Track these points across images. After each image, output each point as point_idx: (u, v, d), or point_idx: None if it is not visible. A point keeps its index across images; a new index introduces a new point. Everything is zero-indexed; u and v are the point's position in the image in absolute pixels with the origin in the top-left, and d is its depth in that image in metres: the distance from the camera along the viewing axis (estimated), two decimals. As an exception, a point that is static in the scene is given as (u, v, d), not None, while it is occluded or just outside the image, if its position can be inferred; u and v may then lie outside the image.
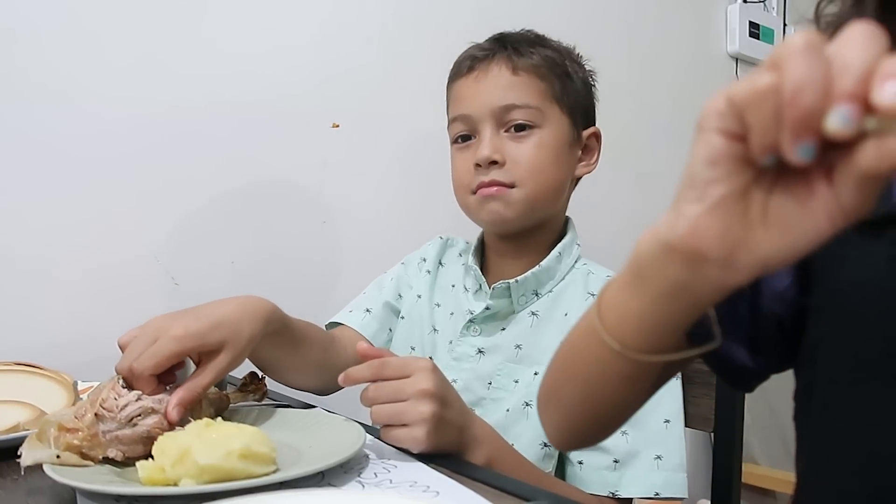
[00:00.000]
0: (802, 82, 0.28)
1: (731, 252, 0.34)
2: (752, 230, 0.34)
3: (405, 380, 0.61)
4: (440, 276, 0.95)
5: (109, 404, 0.55)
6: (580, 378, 0.51)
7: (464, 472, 0.56)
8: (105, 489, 0.48)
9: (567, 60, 0.86)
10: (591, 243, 0.97)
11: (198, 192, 1.16)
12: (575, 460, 0.77)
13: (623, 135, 1.73)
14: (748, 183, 0.33)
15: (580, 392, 0.52)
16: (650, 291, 0.40)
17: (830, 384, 0.47)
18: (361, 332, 0.91)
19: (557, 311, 0.83)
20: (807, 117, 0.28)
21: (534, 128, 0.82)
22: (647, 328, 0.42)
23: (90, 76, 1.06)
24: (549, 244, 0.87)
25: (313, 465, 0.51)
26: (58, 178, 1.03)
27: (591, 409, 0.53)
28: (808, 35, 0.29)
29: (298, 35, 1.26)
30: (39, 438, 0.52)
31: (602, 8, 1.70)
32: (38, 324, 1.01)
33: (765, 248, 0.34)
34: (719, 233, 0.34)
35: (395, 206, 1.36)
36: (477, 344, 0.84)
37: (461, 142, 0.87)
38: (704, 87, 1.93)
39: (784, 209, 0.33)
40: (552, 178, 0.83)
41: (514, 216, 0.83)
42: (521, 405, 0.79)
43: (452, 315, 0.89)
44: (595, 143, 0.89)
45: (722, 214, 0.34)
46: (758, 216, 0.34)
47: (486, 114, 0.82)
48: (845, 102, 0.28)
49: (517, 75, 0.82)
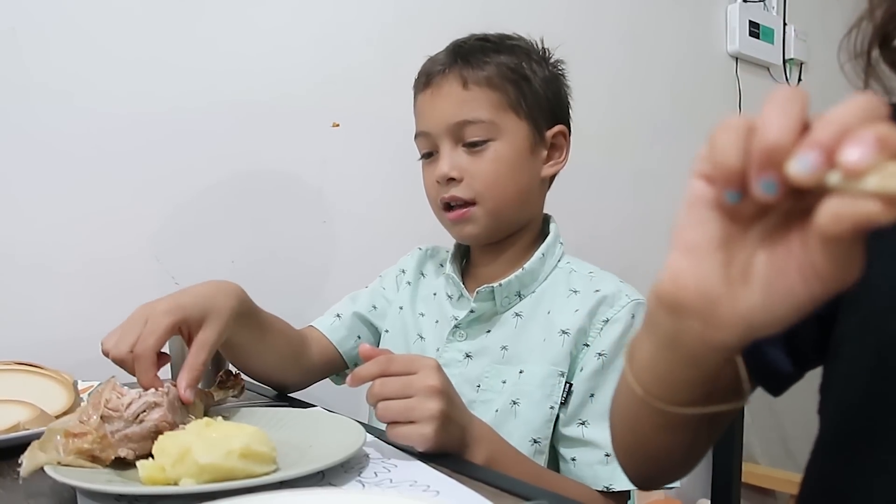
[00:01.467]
0: (774, 119, 0.29)
1: (711, 306, 0.34)
2: (733, 287, 0.34)
3: (412, 376, 0.61)
4: (421, 287, 0.96)
5: (114, 404, 0.55)
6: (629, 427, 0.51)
7: (464, 472, 0.56)
8: (105, 489, 0.48)
9: (525, 62, 0.85)
10: (589, 243, 0.97)
11: (198, 191, 1.16)
12: (568, 457, 0.78)
13: (623, 134, 1.73)
14: (726, 233, 0.34)
15: (632, 439, 0.52)
16: (655, 341, 0.40)
17: (848, 380, 0.46)
18: (328, 336, 0.92)
19: (540, 309, 0.83)
20: (770, 149, 0.29)
21: (488, 141, 0.82)
22: (660, 377, 0.42)
23: (91, 75, 1.06)
24: (529, 244, 0.88)
25: (313, 465, 0.51)
26: (58, 177, 1.03)
27: (648, 456, 0.52)
28: (798, 90, 0.31)
29: (299, 34, 1.26)
30: (43, 448, 0.52)
31: (601, 7, 1.70)
32: (38, 322, 1.01)
33: (745, 307, 0.33)
34: (694, 281, 0.34)
35: (395, 206, 1.36)
36: (464, 349, 0.85)
37: (426, 158, 0.88)
38: (704, 86, 1.93)
39: (763, 267, 0.33)
40: (512, 189, 0.83)
41: (483, 231, 0.84)
42: (508, 404, 0.79)
43: (437, 323, 0.90)
44: (562, 140, 0.88)
45: (698, 262, 0.34)
46: (739, 273, 0.34)
47: (442, 131, 0.83)
48: (811, 149, 0.28)
49: (468, 90, 0.82)
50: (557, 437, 0.79)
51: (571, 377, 0.79)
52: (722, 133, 0.32)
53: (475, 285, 0.87)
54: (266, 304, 0.81)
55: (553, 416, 0.78)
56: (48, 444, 0.52)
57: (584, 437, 0.76)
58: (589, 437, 0.76)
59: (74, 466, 0.52)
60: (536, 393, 0.78)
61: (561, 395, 0.78)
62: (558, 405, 0.78)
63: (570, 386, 0.78)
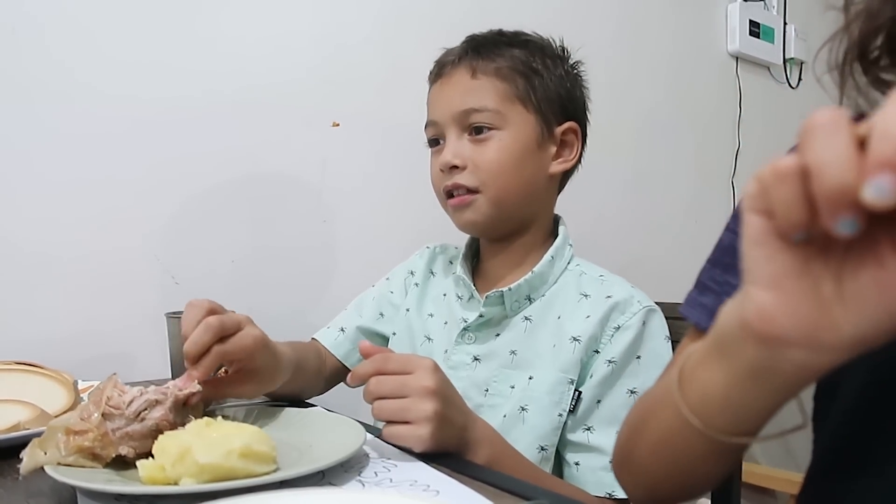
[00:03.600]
0: (828, 158, 0.28)
1: (812, 333, 0.32)
2: (830, 309, 0.32)
3: (408, 376, 0.61)
4: (430, 287, 0.95)
5: (115, 401, 0.55)
6: (666, 453, 0.48)
7: (464, 472, 0.56)
8: (105, 488, 0.48)
9: (538, 57, 0.85)
10: (590, 242, 0.97)
11: (198, 190, 1.16)
12: (571, 461, 0.77)
13: (623, 133, 1.73)
14: (804, 260, 0.32)
15: (665, 466, 0.49)
16: (733, 370, 0.38)
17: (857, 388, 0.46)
18: (332, 352, 0.93)
19: (550, 314, 0.83)
20: (837, 192, 0.28)
21: (493, 130, 0.82)
22: (734, 409, 0.39)
23: (92, 75, 1.06)
24: (539, 243, 0.88)
25: (313, 464, 0.51)
26: (58, 177, 1.03)
27: (679, 484, 0.50)
28: (830, 112, 0.29)
29: (299, 33, 1.26)
30: (43, 446, 0.52)
31: (602, 6, 1.70)
32: (38, 321, 1.01)
33: (849, 327, 0.32)
34: (788, 314, 0.32)
35: (396, 205, 1.36)
36: (472, 352, 0.84)
37: (433, 146, 0.89)
38: (704, 85, 1.93)
39: (857, 284, 0.31)
40: (515, 180, 0.83)
41: (484, 220, 0.84)
42: (517, 410, 0.79)
43: (446, 325, 0.89)
44: (573, 138, 0.87)
45: (784, 296, 0.32)
46: (832, 294, 0.32)
47: (448, 119, 0.84)
48: (883, 172, 0.27)
49: (476, 79, 0.83)
50: (563, 443, 0.78)
51: (581, 384, 0.78)
52: (776, 185, 0.30)
53: (485, 285, 0.87)
54: (266, 303, 0.81)
55: (561, 423, 0.77)
56: (49, 442, 0.52)
57: (590, 443, 0.76)
58: (594, 442, 0.76)
59: (75, 466, 0.52)
60: (545, 399, 0.77)
61: (570, 403, 0.77)
62: (567, 413, 0.77)
63: (580, 394, 0.78)
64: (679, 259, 1.72)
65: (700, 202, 1.89)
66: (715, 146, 1.95)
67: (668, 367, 0.56)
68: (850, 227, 0.28)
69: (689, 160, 1.87)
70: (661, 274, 1.34)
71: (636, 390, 0.77)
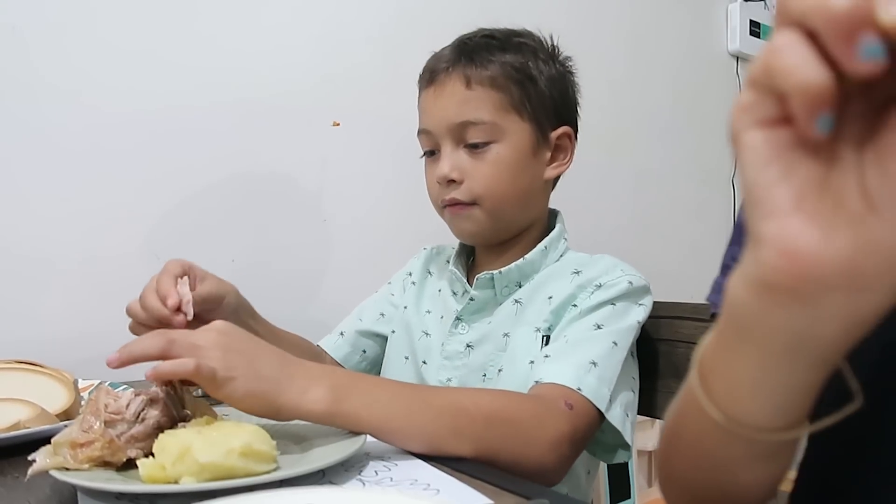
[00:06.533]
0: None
1: (850, 261, 0.27)
2: (863, 223, 0.26)
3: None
4: (428, 285, 0.96)
5: (113, 407, 0.55)
6: (701, 460, 0.42)
7: (464, 471, 0.56)
8: (106, 487, 0.48)
9: (531, 61, 0.84)
10: (590, 242, 0.97)
11: (198, 189, 1.16)
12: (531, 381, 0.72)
13: (623, 133, 1.73)
14: (821, 171, 0.27)
15: (702, 473, 0.43)
16: (760, 351, 0.32)
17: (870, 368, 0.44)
18: (332, 355, 0.95)
19: (540, 295, 0.82)
20: (852, 13, 0.23)
21: (490, 143, 0.81)
22: (767, 397, 0.34)
23: (92, 73, 1.06)
24: (535, 241, 0.88)
25: (314, 463, 0.51)
26: (58, 175, 1.03)
27: (721, 495, 0.43)
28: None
29: (299, 33, 1.26)
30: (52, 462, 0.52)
31: (602, 6, 1.70)
32: (38, 320, 1.01)
33: (892, 238, 0.26)
34: (818, 240, 0.27)
35: (396, 205, 1.36)
36: (465, 340, 0.85)
37: (428, 156, 0.88)
38: (705, 85, 1.93)
39: (887, 183, 0.26)
40: (513, 191, 0.83)
41: (482, 230, 0.85)
42: (496, 373, 0.80)
43: (442, 318, 0.90)
44: (567, 142, 0.87)
45: (810, 219, 0.27)
46: (860, 204, 0.27)
47: (444, 130, 0.83)
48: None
49: (471, 89, 0.81)
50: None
51: (551, 332, 0.78)
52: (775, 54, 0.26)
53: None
54: (266, 302, 0.81)
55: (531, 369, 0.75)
56: (56, 460, 0.52)
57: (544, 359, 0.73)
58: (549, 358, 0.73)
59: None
60: (517, 352, 0.78)
61: (539, 347, 0.77)
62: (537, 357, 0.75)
63: (547, 338, 0.77)
64: (679, 259, 1.72)
65: (700, 202, 1.89)
66: (715, 146, 1.95)
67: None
68: (876, 51, 0.23)
69: (689, 160, 1.87)
70: (661, 274, 1.34)
71: (602, 326, 0.74)
